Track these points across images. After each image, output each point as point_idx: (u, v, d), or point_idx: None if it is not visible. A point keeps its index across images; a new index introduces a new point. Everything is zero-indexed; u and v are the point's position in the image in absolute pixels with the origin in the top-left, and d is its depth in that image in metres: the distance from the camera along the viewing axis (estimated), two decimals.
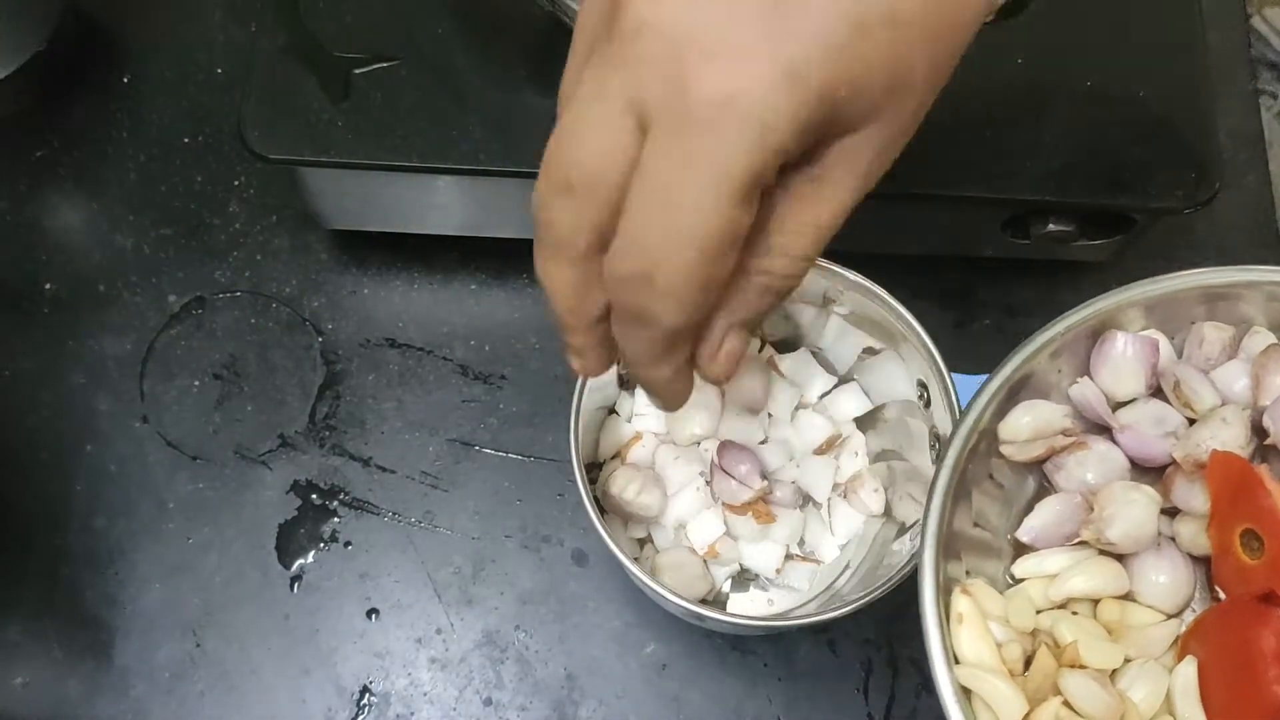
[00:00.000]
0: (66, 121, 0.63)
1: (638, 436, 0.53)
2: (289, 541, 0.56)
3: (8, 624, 0.54)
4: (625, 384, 0.54)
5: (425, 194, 0.56)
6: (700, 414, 0.51)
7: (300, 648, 0.54)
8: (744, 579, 0.53)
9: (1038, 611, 0.43)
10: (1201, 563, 0.44)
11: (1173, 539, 0.44)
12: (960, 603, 0.40)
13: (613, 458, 0.53)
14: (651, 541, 0.52)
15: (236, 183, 0.63)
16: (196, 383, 0.59)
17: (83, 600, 0.54)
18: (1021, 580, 0.44)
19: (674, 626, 0.54)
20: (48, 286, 0.60)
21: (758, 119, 0.29)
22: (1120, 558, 0.43)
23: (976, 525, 0.43)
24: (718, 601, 0.52)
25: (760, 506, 0.51)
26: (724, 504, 0.51)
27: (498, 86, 0.53)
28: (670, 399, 0.38)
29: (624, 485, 0.50)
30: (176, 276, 0.61)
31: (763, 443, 0.52)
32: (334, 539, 0.56)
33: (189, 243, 0.61)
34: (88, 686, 0.53)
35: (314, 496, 0.57)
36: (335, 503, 0.57)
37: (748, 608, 0.52)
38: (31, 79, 0.61)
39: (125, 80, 0.65)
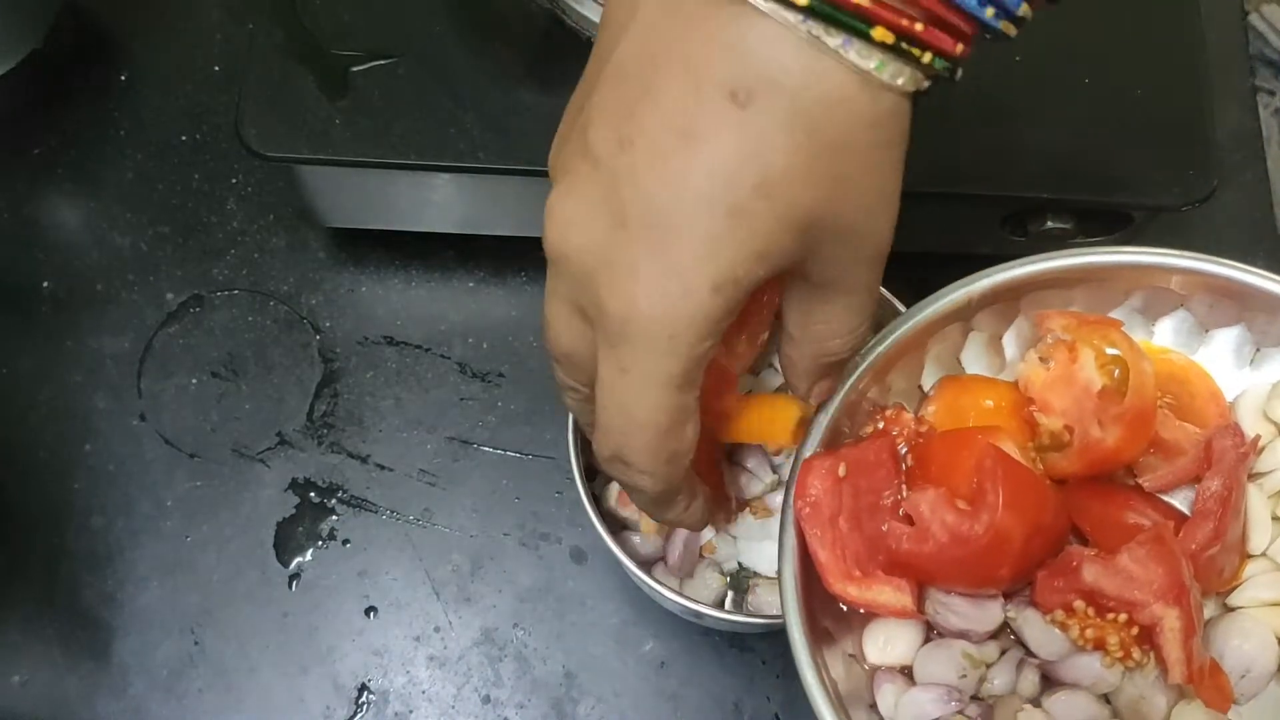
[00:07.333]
0: (64, 120, 0.63)
1: None
2: (287, 539, 0.56)
3: (6, 622, 0.54)
4: None
5: (423, 192, 0.55)
6: None
7: (298, 646, 0.54)
8: (742, 578, 0.53)
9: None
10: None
11: None
12: None
13: None
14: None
15: (234, 181, 0.63)
16: (194, 381, 0.59)
17: (81, 599, 0.54)
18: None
19: (672, 624, 0.54)
20: (46, 285, 0.60)
21: (665, 334, 0.31)
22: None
23: None
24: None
25: (758, 502, 0.51)
26: None
27: (496, 84, 0.53)
28: (691, 528, 0.43)
29: (623, 500, 0.50)
30: (174, 275, 0.61)
31: None
32: (332, 537, 0.56)
33: (187, 241, 0.61)
34: (86, 685, 0.53)
35: (312, 494, 0.57)
36: (333, 501, 0.57)
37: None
38: (29, 78, 0.61)
39: (123, 79, 0.65)
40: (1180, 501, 0.42)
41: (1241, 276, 0.41)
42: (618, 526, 0.51)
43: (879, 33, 0.29)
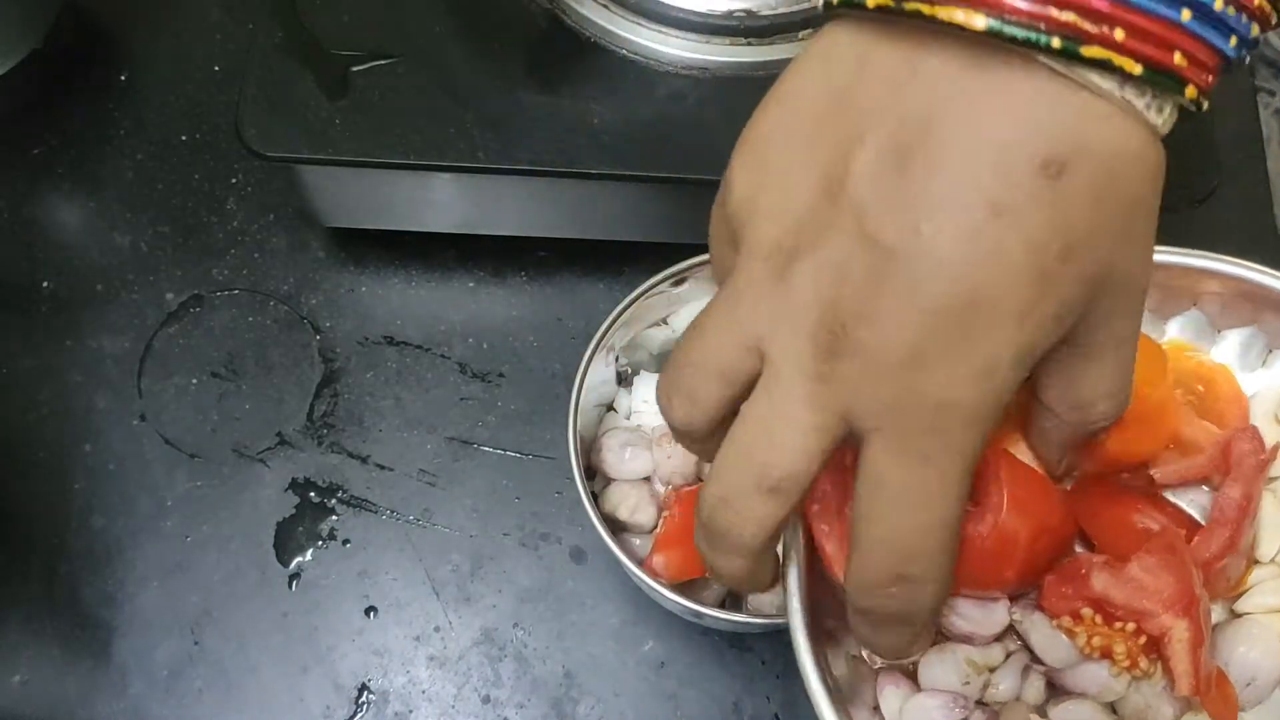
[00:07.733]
0: (64, 120, 0.63)
1: None
2: (287, 539, 0.56)
3: (6, 622, 0.54)
4: (623, 381, 0.54)
5: (423, 192, 0.55)
6: None
7: (298, 646, 0.54)
8: None
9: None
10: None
11: None
12: None
13: None
14: None
15: (234, 181, 0.63)
16: (194, 381, 0.59)
17: (81, 598, 0.54)
18: None
19: (672, 624, 0.54)
20: (46, 285, 0.60)
21: (975, 416, 0.30)
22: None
23: None
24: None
25: None
26: None
27: (496, 84, 0.53)
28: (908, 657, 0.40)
29: (617, 504, 0.50)
30: (174, 274, 0.61)
31: None
32: (332, 537, 0.56)
33: (187, 241, 0.61)
34: (86, 685, 0.53)
35: (312, 494, 0.57)
36: (333, 501, 0.57)
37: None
38: (29, 77, 0.61)
39: (123, 78, 0.65)
40: (1187, 504, 0.42)
41: (1255, 277, 0.41)
42: (618, 526, 0.51)
43: (1190, 91, 0.29)
